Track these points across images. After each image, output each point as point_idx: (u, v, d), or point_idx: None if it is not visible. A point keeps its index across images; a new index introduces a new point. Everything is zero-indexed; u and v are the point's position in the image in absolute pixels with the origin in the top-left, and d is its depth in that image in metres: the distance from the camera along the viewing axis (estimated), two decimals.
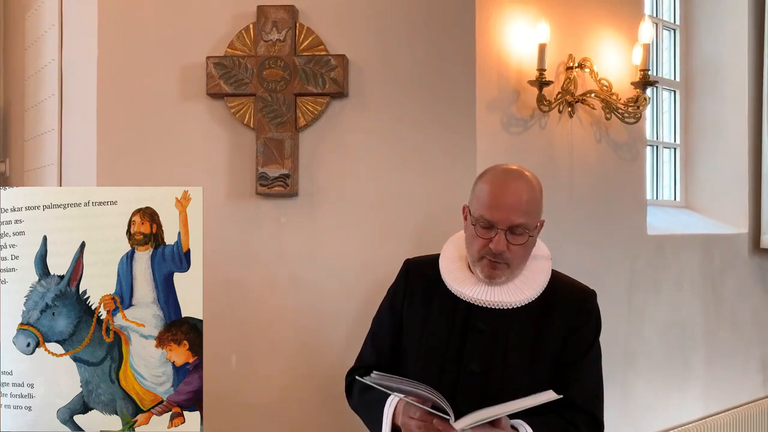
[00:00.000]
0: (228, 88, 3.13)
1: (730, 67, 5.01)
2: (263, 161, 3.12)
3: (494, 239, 2.29)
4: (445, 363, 2.38)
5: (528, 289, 2.39)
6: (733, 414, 4.76)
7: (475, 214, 2.34)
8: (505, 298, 2.36)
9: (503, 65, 3.33)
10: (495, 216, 2.29)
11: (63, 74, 3.49)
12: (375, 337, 2.59)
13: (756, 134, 4.99)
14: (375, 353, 2.56)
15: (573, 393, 2.30)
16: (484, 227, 2.31)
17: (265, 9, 3.14)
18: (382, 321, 2.59)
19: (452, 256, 2.50)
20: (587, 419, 2.35)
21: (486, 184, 2.36)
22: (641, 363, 4.16)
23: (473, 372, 2.34)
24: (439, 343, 2.41)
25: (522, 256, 2.35)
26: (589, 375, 2.41)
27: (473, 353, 2.36)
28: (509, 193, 2.31)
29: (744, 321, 4.92)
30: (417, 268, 2.57)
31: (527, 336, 2.36)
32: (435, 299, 2.46)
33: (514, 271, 2.37)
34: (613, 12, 3.89)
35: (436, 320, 2.44)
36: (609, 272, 3.94)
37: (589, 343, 2.42)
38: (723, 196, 5.02)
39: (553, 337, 2.37)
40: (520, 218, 2.29)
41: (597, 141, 3.82)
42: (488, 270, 2.34)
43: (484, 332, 2.37)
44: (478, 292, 2.37)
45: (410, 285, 2.53)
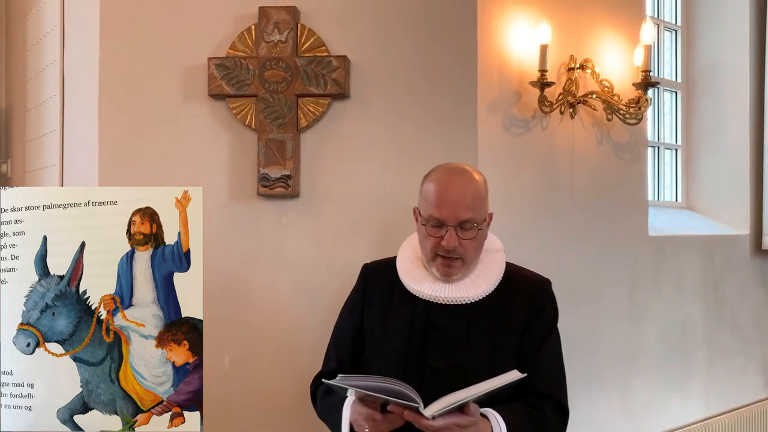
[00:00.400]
0: (229, 89, 3.13)
1: (732, 68, 5.01)
2: (264, 162, 3.12)
3: (445, 236, 2.35)
4: (408, 362, 2.42)
5: (484, 282, 2.44)
6: (733, 415, 4.76)
7: (425, 214, 2.41)
8: (463, 294, 2.42)
9: (504, 66, 3.33)
10: (443, 213, 2.35)
11: (65, 75, 3.50)
12: (336, 344, 2.62)
13: (757, 135, 4.99)
14: (336, 360, 2.58)
15: (536, 381, 2.37)
16: (435, 226, 2.38)
17: (266, 10, 3.14)
18: (342, 327, 2.63)
19: (409, 257, 2.55)
20: (552, 404, 2.42)
21: (431, 184, 2.43)
22: (642, 364, 4.15)
23: (437, 369, 2.39)
24: (401, 343, 2.45)
25: (474, 250, 2.42)
26: (550, 362, 2.48)
27: (435, 350, 2.41)
28: (454, 190, 2.38)
29: (745, 322, 4.92)
30: (375, 271, 2.63)
31: (487, 329, 2.42)
32: (394, 300, 2.51)
33: (469, 266, 2.44)
34: (615, 13, 3.89)
35: (396, 320, 2.48)
36: (610, 273, 3.94)
37: (547, 331, 2.49)
38: (724, 197, 5.02)
39: (512, 329, 2.43)
40: (467, 213, 2.36)
41: (598, 142, 3.82)
42: (443, 269, 2.40)
43: (445, 329, 2.43)
44: (435, 290, 2.43)
45: (369, 289, 2.59)
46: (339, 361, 2.57)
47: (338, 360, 2.57)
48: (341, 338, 2.60)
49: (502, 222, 3.26)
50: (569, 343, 3.66)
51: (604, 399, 3.91)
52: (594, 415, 3.83)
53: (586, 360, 3.76)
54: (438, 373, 2.38)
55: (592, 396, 3.81)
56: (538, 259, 3.46)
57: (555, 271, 3.56)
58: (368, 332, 2.54)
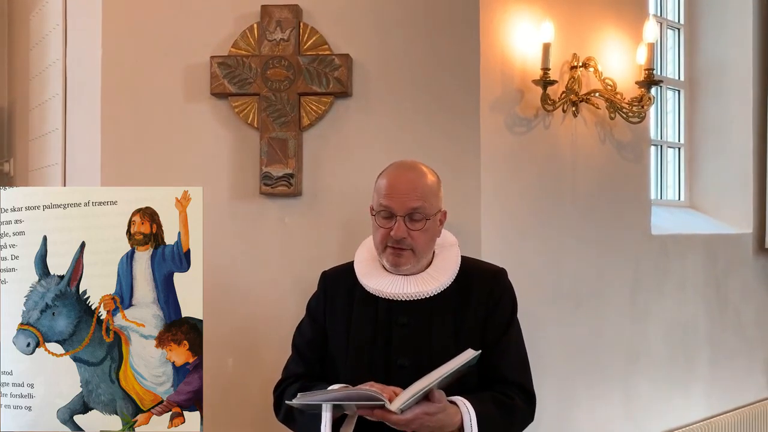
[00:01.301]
0: (232, 88, 3.13)
1: (735, 67, 4.99)
2: (267, 161, 3.12)
3: (395, 227, 2.42)
4: (374, 360, 2.45)
5: (441, 276, 2.49)
6: (736, 415, 4.75)
7: (376, 207, 2.49)
8: (421, 288, 2.46)
9: (507, 65, 3.33)
10: (392, 203, 2.43)
11: (67, 74, 3.50)
12: (299, 352, 2.62)
13: (761, 134, 4.98)
14: (303, 364, 2.60)
15: (501, 368, 2.45)
16: (385, 217, 2.45)
17: (269, 9, 3.14)
18: (304, 335, 2.63)
19: (365, 258, 2.60)
20: (517, 390, 2.45)
21: (383, 178, 2.52)
22: (644, 363, 4.15)
23: (402, 366, 2.42)
24: (365, 343, 2.48)
25: (425, 241, 2.47)
26: (514, 350, 2.52)
27: (400, 348, 2.46)
28: (404, 181, 2.46)
29: (748, 321, 4.91)
30: (333, 277, 2.67)
31: (449, 323, 2.46)
32: (355, 302, 2.55)
33: (420, 259, 2.48)
34: (618, 11, 3.88)
35: (359, 322, 2.51)
36: (613, 272, 3.93)
37: (507, 320, 2.52)
38: (727, 196, 5.01)
39: (473, 321, 2.47)
40: (416, 202, 2.42)
41: (601, 140, 3.81)
42: (393, 258, 2.46)
43: (407, 325, 2.47)
44: (394, 287, 2.47)
45: (329, 295, 2.62)
46: (307, 365, 2.59)
47: (306, 364, 2.59)
48: (307, 344, 2.61)
49: (503, 220, 3.27)
50: (571, 342, 3.68)
51: (606, 398, 3.91)
52: (596, 415, 3.83)
53: (589, 359, 3.76)
54: (404, 370, 2.41)
55: (594, 395, 3.81)
56: (539, 257, 3.47)
57: (557, 270, 3.58)
58: (332, 336, 2.56)
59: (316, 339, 2.59)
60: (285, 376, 2.63)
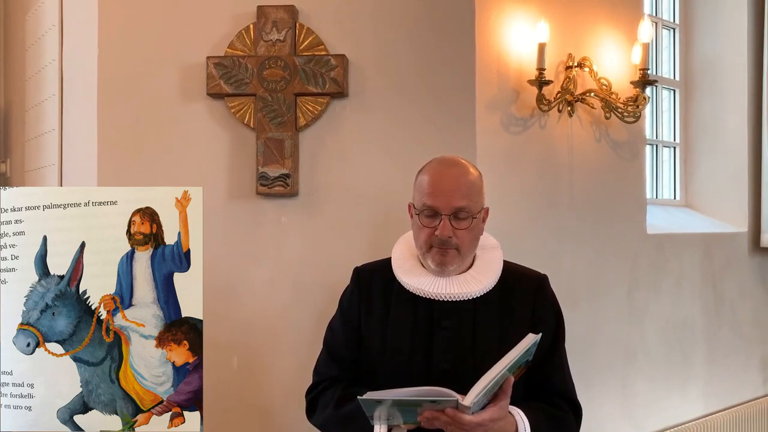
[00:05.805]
0: (228, 88, 3.13)
1: (730, 66, 5.00)
2: (263, 161, 3.13)
3: (439, 226, 2.30)
4: (413, 363, 2.37)
5: (484, 278, 2.40)
6: (733, 413, 4.76)
7: (419, 205, 2.36)
8: (464, 289, 2.36)
9: (503, 65, 3.34)
10: (437, 202, 2.32)
11: (63, 74, 3.50)
12: (333, 353, 2.53)
13: (755, 133, 4.99)
14: (337, 366, 2.51)
15: (553, 381, 2.41)
16: (429, 216, 2.33)
17: (265, 9, 3.14)
18: (337, 335, 2.53)
19: (404, 255, 2.50)
20: (568, 403, 2.42)
21: (425, 176, 2.39)
22: (641, 362, 4.16)
23: (444, 370, 2.34)
24: (405, 345, 2.39)
25: (470, 240, 2.37)
26: (562, 362, 2.47)
27: (441, 351, 2.36)
28: (447, 179, 2.34)
29: (744, 320, 4.92)
30: (368, 274, 2.54)
31: (493, 327, 2.38)
32: (393, 300, 2.45)
33: (465, 258, 2.39)
34: (613, 11, 3.89)
35: (398, 322, 2.42)
36: (609, 271, 3.94)
37: (553, 329, 2.46)
38: (723, 194, 5.02)
39: (517, 327, 2.36)
40: (461, 201, 2.32)
41: (596, 140, 3.82)
42: (439, 257, 2.34)
43: (449, 329, 2.37)
44: (436, 286, 2.37)
45: (365, 292, 2.50)
46: (341, 368, 2.50)
47: (340, 367, 2.50)
48: (338, 347, 2.52)
49: (500, 220, 3.27)
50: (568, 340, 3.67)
51: (603, 397, 3.92)
52: (594, 413, 3.83)
53: (586, 358, 3.76)
54: (444, 373, 2.32)
55: (591, 394, 3.81)
56: (536, 257, 3.47)
57: (553, 269, 3.56)
58: (369, 337, 2.45)
59: (351, 339, 2.48)
60: (318, 379, 2.54)
